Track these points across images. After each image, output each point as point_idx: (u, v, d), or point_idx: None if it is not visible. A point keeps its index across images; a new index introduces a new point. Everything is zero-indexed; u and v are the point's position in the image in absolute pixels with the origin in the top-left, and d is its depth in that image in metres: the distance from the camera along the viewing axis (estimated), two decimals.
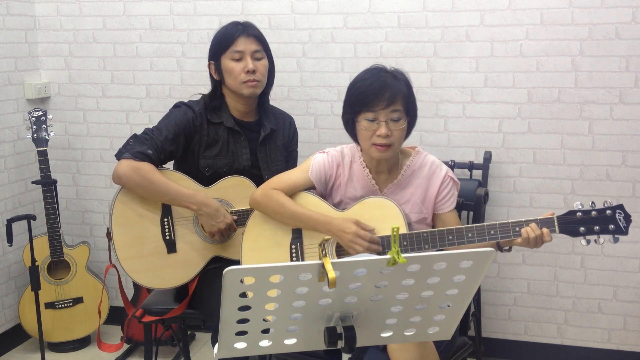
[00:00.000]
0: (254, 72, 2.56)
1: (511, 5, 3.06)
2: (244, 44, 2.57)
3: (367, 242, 2.21)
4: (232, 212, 2.56)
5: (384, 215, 2.28)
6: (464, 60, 3.16)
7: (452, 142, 3.24)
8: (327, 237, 2.30)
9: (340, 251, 2.32)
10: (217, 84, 2.66)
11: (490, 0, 3.08)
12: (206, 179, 2.61)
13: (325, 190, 2.42)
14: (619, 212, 2.11)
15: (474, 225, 2.20)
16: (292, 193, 2.39)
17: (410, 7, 3.17)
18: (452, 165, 3.13)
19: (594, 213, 2.12)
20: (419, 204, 2.34)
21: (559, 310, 3.26)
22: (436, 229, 2.23)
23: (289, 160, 2.78)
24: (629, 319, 3.19)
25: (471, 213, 2.75)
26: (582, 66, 3.03)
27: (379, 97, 2.20)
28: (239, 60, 2.57)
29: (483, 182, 3.09)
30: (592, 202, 2.14)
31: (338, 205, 2.39)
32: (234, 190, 2.60)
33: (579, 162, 3.11)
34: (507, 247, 2.22)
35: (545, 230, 2.14)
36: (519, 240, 2.15)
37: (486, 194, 2.76)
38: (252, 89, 2.59)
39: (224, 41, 2.59)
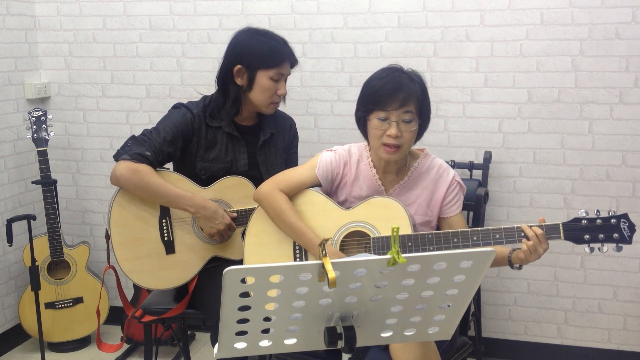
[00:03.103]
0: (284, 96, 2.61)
1: (511, 5, 3.06)
2: (287, 68, 2.59)
3: None
4: (231, 212, 2.56)
5: (389, 216, 2.28)
6: (464, 60, 3.15)
7: (452, 142, 3.23)
8: (327, 237, 2.30)
9: (344, 249, 2.31)
10: (238, 89, 2.60)
11: (490, 0, 3.08)
12: (203, 182, 2.60)
13: (331, 188, 2.42)
14: (624, 222, 2.10)
15: (479, 228, 2.20)
16: (298, 191, 2.39)
17: (410, 7, 3.17)
18: (452, 165, 3.13)
19: (599, 221, 2.11)
20: (425, 206, 2.34)
21: (559, 310, 3.26)
22: (441, 231, 2.22)
23: (289, 164, 2.77)
24: (629, 319, 3.19)
25: (471, 213, 2.75)
26: (582, 66, 3.03)
27: (393, 97, 2.20)
28: (277, 80, 2.57)
29: (483, 182, 3.09)
30: (597, 211, 2.13)
31: (343, 204, 2.39)
32: (232, 190, 2.59)
33: (579, 162, 3.11)
34: (517, 265, 2.19)
35: (540, 232, 2.12)
36: (524, 246, 2.12)
37: (486, 194, 2.76)
38: (274, 109, 2.63)
39: (272, 57, 2.53)
